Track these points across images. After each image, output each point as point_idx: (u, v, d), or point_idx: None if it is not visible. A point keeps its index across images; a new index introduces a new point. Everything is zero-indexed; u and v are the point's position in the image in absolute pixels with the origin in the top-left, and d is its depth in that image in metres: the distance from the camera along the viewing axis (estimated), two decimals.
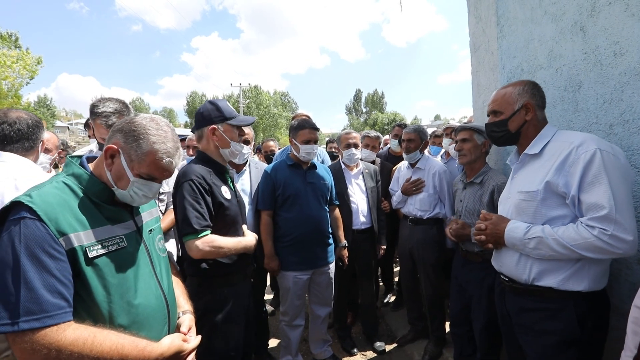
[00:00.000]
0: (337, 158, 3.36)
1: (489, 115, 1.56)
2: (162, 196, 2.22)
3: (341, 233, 2.68)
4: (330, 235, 2.55)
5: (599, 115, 1.57)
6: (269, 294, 3.93)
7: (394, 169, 3.20)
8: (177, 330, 1.21)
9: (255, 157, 5.22)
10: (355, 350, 2.89)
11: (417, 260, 2.73)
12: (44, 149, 1.72)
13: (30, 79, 14.44)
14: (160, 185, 1.14)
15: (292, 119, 3.23)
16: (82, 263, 0.95)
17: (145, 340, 1.00)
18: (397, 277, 3.80)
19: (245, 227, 1.85)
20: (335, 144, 4.70)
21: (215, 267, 1.70)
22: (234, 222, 1.77)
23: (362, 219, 2.83)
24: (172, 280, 1.28)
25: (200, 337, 1.23)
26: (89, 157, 1.13)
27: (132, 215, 1.15)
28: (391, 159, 3.64)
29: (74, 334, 0.87)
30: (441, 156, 3.53)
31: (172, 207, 1.89)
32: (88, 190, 1.03)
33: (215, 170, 1.75)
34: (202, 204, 1.62)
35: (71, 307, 0.90)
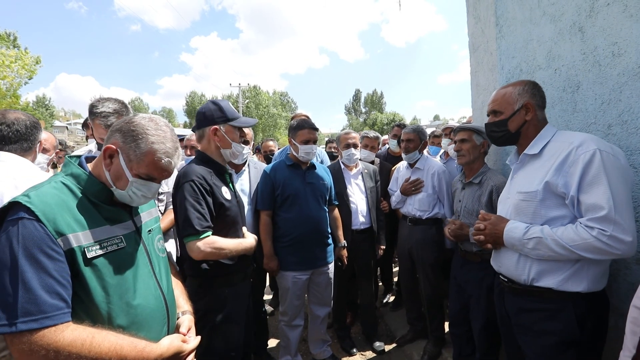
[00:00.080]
0: (336, 158, 3.36)
1: (488, 115, 1.55)
2: (161, 196, 2.22)
3: (340, 233, 2.68)
4: (330, 236, 2.55)
5: (598, 115, 1.57)
6: (268, 294, 3.93)
7: (393, 169, 3.20)
8: (177, 331, 1.21)
9: (255, 157, 5.22)
10: (354, 350, 2.89)
11: (416, 260, 2.73)
12: (42, 149, 1.72)
13: (29, 79, 14.42)
14: (159, 185, 1.14)
15: (291, 119, 3.23)
16: (81, 264, 0.94)
17: (144, 341, 0.99)
18: (396, 277, 3.80)
19: (244, 228, 1.85)
20: (334, 144, 4.69)
21: (216, 268, 1.70)
22: (234, 222, 1.76)
23: (362, 219, 2.83)
24: (171, 281, 1.28)
25: (199, 337, 1.22)
26: (87, 157, 1.13)
27: (131, 215, 1.15)
28: (390, 159, 3.64)
29: (72, 335, 0.87)
30: (440, 156, 3.54)
31: (171, 207, 1.88)
32: (87, 191, 1.03)
33: (215, 171, 1.74)
34: (203, 204, 1.61)
35: (69, 307, 0.90)
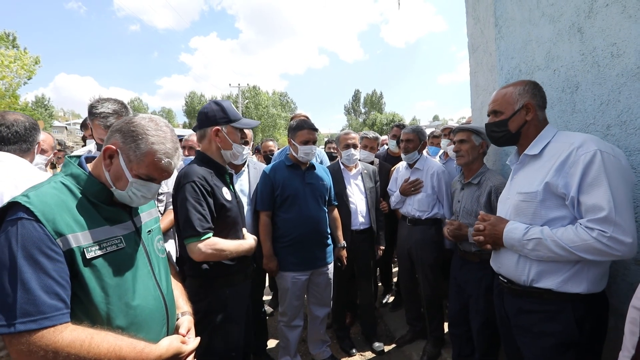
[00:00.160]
0: (335, 158, 3.36)
1: (489, 115, 1.55)
2: (161, 196, 2.21)
3: (340, 233, 2.68)
4: (329, 236, 2.55)
5: (597, 116, 1.58)
6: (267, 294, 3.93)
7: (392, 169, 3.20)
8: (176, 332, 1.21)
9: (254, 157, 5.21)
10: (354, 350, 2.89)
11: (415, 261, 2.74)
12: (40, 150, 1.72)
13: (28, 79, 14.38)
14: (159, 186, 1.13)
15: (291, 119, 3.22)
16: (80, 264, 0.94)
17: (143, 342, 0.99)
18: (395, 278, 3.80)
19: (244, 230, 1.85)
20: (333, 145, 4.70)
21: (217, 268, 1.69)
22: (234, 223, 1.76)
23: (361, 220, 2.83)
24: (171, 282, 1.28)
25: (199, 338, 1.22)
26: (87, 157, 1.13)
27: (131, 215, 1.15)
28: (390, 159, 3.64)
29: (71, 336, 0.87)
30: (439, 157, 3.54)
31: (171, 207, 1.88)
32: (86, 191, 1.03)
33: (215, 171, 1.74)
34: (205, 205, 1.61)
35: (68, 308, 0.90)
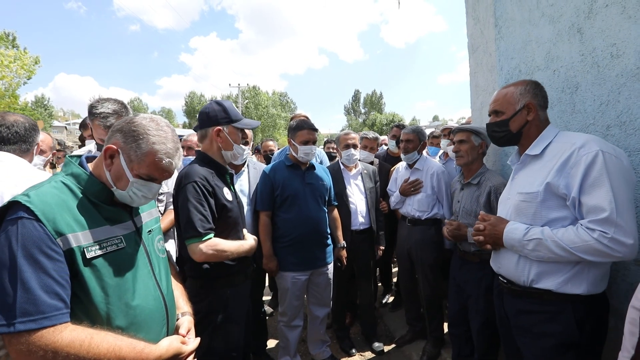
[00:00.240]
0: (335, 158, 3.36)
1: (490, 115, 1.55)
2: (161, 197, 2.21)
3: (340, 233, 2.68)
4: (329, 236, 2.55)
5: (596, 117, 1.58)
6: (267, 294, 3.92)
7: (392, 169, 3.20)
8: (176, 332, 1.21)
9: (254, 157, 5.21)
10: (353, 350, 2.89)
11: (415, 261, 2.74)
12: (39, 150, 1.72)
13: (28, 79, 14.35)
14: (159, 186, 1.13)
15: (291, 119, 3.22)
16: (80, 264, 0.94)
17: (143, 342, 0.99)
18: (395, 278, 3.81)
19: (245, 230, 1.85)
20: (333, 145, 4.69)
21: (218, 269, 1.69)
22: (235, 223, 1.76)
23: (361, 220, 2.83)
24: (171, 282, 1.28)
25: (199, 339, 1.22)
26: (88, 157, 1.13)
27: (132, 215, 1.15)
28: (389, 159, 3.64)
29: (71, 336, 0.87)
30: (439, 157, 3.54)
31: (171, 207, 1.87)
32: (87, 190, 1.03)
33: (216, 172, 1.74)
34: (206, 206, 1.60)
35: (68, 308, 0.90)
